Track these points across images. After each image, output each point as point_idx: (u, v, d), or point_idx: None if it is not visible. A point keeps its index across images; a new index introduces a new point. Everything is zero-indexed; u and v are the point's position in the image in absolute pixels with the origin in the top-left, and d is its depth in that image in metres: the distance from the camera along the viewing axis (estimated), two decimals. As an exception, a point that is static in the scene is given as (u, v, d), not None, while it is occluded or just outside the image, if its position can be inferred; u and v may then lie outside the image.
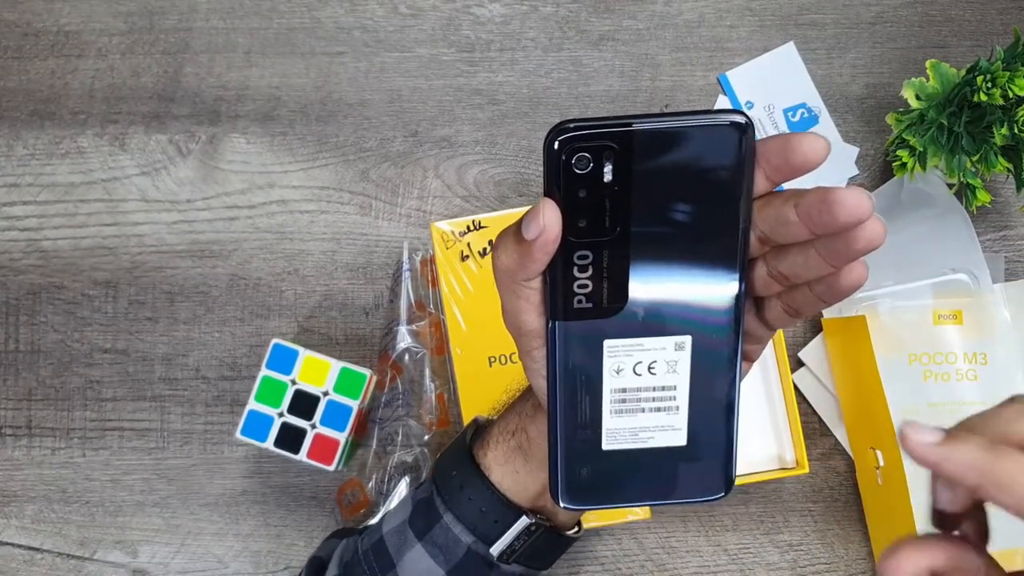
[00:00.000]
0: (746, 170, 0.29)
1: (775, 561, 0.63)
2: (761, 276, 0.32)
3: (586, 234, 0.30)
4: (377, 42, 0.67)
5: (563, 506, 0.35)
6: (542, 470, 0.42)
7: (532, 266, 0.30)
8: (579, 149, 0.29)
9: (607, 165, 0.29)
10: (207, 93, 0.66)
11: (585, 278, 0.31)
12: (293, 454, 0.58)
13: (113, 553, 0.63)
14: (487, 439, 0.44)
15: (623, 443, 0.34)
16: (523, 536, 0.42)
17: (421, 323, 0.61)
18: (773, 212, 0.30)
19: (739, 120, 0.29)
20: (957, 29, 0.67)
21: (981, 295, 0.60)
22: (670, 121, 0.29)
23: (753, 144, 0.29)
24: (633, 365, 0.32)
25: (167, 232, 0.65)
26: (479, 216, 0.59)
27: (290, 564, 0.63)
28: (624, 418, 0.33)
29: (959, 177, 0.59)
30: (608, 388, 0.33)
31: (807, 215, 0.28)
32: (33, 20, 0.67)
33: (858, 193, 0.27)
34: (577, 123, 0.29)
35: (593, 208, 0.30)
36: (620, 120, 0.29)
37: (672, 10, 0.68)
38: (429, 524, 0.44)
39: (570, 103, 0.67)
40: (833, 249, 0.29)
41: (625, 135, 0.29)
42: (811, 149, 0.28)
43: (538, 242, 0.29)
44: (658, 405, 0.33)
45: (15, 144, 0.66)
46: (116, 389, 0.64)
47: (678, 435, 0.34)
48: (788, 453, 0.60)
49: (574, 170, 0.29)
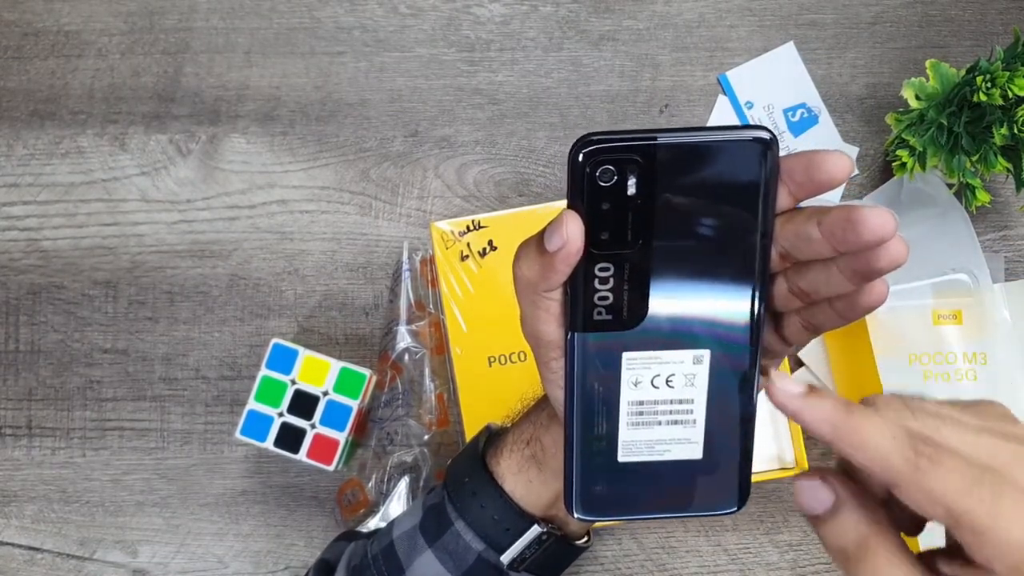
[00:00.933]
0: (770, 186, 0.29)
1: (775, 561, 0.63)
2: (781, 292, 0.32)
3: (608, 246, 0.30)
4: (377, 42, 0.67)
5: (577, 517, 0.35)
6: (555, 480, 0.42)
7: (553, 278, 0.30)
8: (604, 162, 0.29)
9: (631, 178, 0.29)
10: (207, 93, 0.66)
11: (606, 290, 0.31)
12: (293, 454, 0.58)
13: (113, 553, 0.63)
14: (501, 447, 0.44)
15: (639, 455, 0.34)
16: (534, 545, 0.43)
17: (421, 323, 0.61)
18: (795, 229, 0.30)
19: (764, 136, 0.29)
20: (957, 29, 0.67)
21: (981, 295, 0.60)
22: (695, 135, 0.29)
23: (777, 160, 0.29)
24: (651, 378, 0.32)
25: (167, 232, 0.65)
26: (479, 216, 0.59)
27: (290, 564, 0.63)
28: (640, 430, 0.33)
29: (959, 177, 0.59)
30: (625, 400, 0.33)
31: (831, 233, 0.28)
32: (33, 20, 0.67)
33: (882, 212, 0.27)
34: (602, 136, 0.29)
35: (616, 221, 0.30)
36: (645, 134, 0.29)
37: (672, 10, 0.68)
38: (440, 530, 0.44)
39: (570, 103, 0.67)
40: (855, 267, 0.29)
41: (650, 149, 0.29)
42: (835, 167, 0.28)
43: (560, 254, 0.29)
44: (675, 418, 0.33)
45: (15, 144, 0.66)
46: (116, 389, 0.64)
47: (694, 448, 0.34)
48: (788, 453, 0.60)
49: (598, 183, 0.29)
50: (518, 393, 0.58)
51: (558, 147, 0.66)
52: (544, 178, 0.66)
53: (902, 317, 0.59)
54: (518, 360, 0.59)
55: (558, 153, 0.66)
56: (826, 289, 0.31)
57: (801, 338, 0.34)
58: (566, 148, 0.66)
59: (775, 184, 0.29)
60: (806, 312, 0.33)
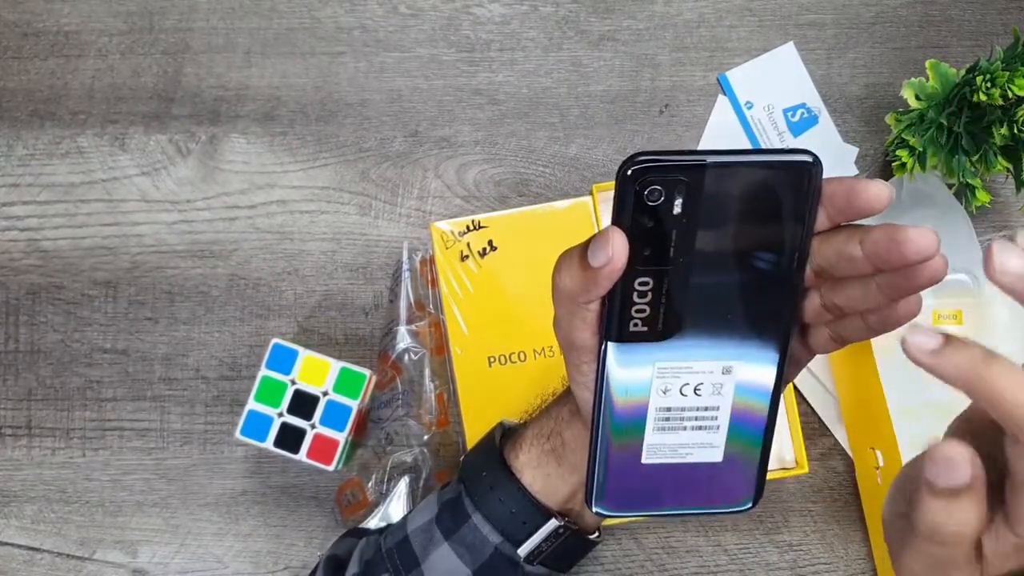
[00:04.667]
0: (811, 209, 0.30)
1: (775, 561, 0.63)
2: (813, 306, 0.33)
3: (649, 262, 0.31)
4: (377, 42, 0.67)
5: (595, 511, 0.36)
6: (573, 474, 0.42)
7: (595, 291, 0.31)
8: (653, 182, 0.29)
9: (678, 199, 0.30)
10: (207, 93, 0.66)
11: (643, 303, 0.32)
12: (293, 454, 0.58)
13: (113, 553, 0.63)
14: (519, 441, 0.44)
15: (662, 458, 0.35)
16: (551, 538, 0.43)
17: (421, 323, 0.61)
18: (835, 247, 0.30)
19: (808, 160, 0.29)
20: (957, 29, 0.67)
21: (981, 295, 0.60)
22: (743, 157, 0.29)
23: (820, 183, 0.30)
24: (680, 386, 0.33)
25: (167, 232, 0.65)
26: (479, 216, 0.59)
27: (290, 564, 0.63)
28: (666, 435, 0.34)
29: (959, 177, 0.59)
30: (654, 407, 0.34)
31: (875, 253, 0.29)
32: (33, 20, 0.67)
33: (926, 232, 0.28)
34: (652, 156, 0.29)
35: (659, 238, 0.30)
36: (695, 155, 0.29)
37: (672, 10, 0.68)
38: (457, 524, 0.44)
39: (570, 103, 0.67)
40: (894, 284, 0.30)
41: (698, 170, 0.29)
42: (875, 197, 0.29)
43: (604, 270, 0.30)
44: (700, 424, 0.34)
45: (15, 144, 0.66)
46: (116, 389, 0.64)
47: (715, 452, 0.35)
48: (787, 453, 0.60)
49: (645, 202, 0.30)
50: (518, 393, 0.58)
51: (558, 147, 0.66)
52: (544, 178, 0.66)
53: (902, 317, 0.59)
54: (518, 360, 0.59)
55: (558, 153, 0.66)
56: (862, 304, 0.31)
57: (828, 348, 0.34)
58: (566, 148, 0.66)
59: (816, 206, 0.30)
60: (837, 325, 0.33)
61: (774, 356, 0.33)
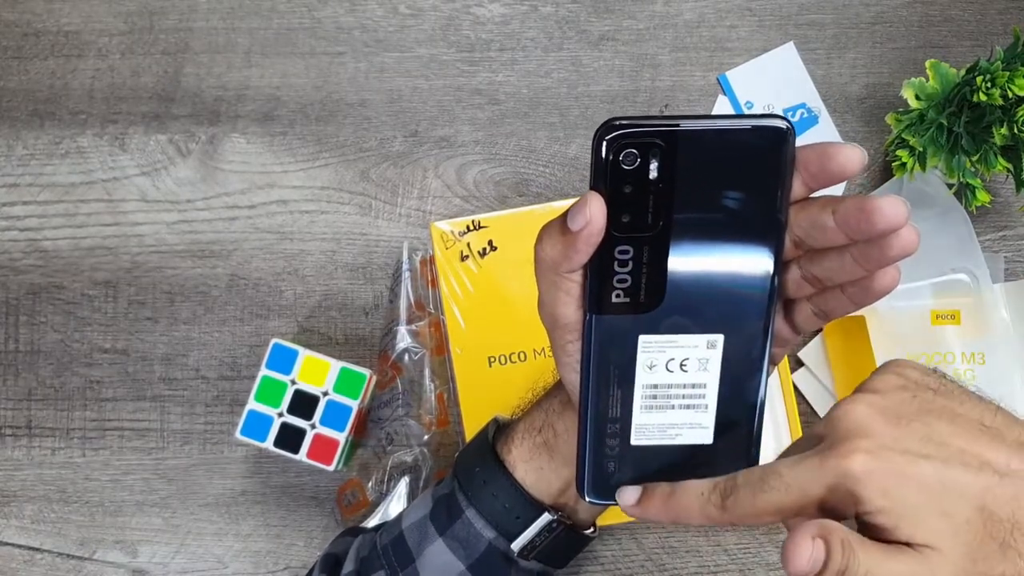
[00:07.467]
0: (786, 173, 0.30)
1: (775, 561, 0.63)
2: (794, 279, 0.33)
3: (628, 229, 0.31)
4: (377, 42, 0.67)
5: (588, 500, 0.36)
6: (566, 467, 0.42)
7: (575, 257, 0.31)
8: (627, 145, 0.30)
9: (653, 162, 0.30)
10: (207, 93, 0.66)
11: (625, 273, 0.32)
12: (293, 454, 0.58)
13: (113, 553, 0.63)
14: (511, 436, 0.44)
15: (651, 439, 0.35)
16: (544, 533, 0.43)
17: (421, 323, 0.61)
18: (810, 217, 0.31)
19: (781, 125, 0.30)
20: (957, 29, 0.68)
21: (980, 295, 0.60)
22: (716, 122, 0.30)
23: (794, 148, 0.30)
24: (666, 361, 0.33)
25: (167, 232, 0.65)
26: (479, 216, 0.59)
27: (290, 564, 0.63)
28: (654, 414, 0.34)
29: (959, 177, 0.59)
30: (640, 384, 0.34)
31: (845, 222, 0.29)
32: (33, 20, 0.67)
33: (895, 202, 0.28)
34: (626, 120, 0.30)
35: (637, 203, 0.31)
36: (668, 119, 0.30)
37: (672, 10, 0.68)
38: (451, 519, 0.44)
39: (570, 103, 0.67)
40: (868, 255, 0.30)
41: (672, 134, 0.30)
42: (847, 159, 0.29)
43: (583, 233, 0.30)
44: (688, 402, 0.34)
45: (15, 144, 0.66)
46: (116, 389, 0.64)
47: (705, 433, 0.34)
48: (788, 453, 0.60)
49: (621, 166, 0.30)
50: (518, 393, 0.58)
51: (558, 147, 0.66)
52: (544, 178, 0.66)
53: (901, 317, 0.60)
54: (518, 360, 0.59)
55: (558, 153, 0.66)
56: (839, 276, 0.31)
57: (811, 324, 0.34)
58: (566, 148, 0.66)
59: (791, 172, 0.30)
60: (818, 298, 0.33)
61: (759, 329, 0.33)
